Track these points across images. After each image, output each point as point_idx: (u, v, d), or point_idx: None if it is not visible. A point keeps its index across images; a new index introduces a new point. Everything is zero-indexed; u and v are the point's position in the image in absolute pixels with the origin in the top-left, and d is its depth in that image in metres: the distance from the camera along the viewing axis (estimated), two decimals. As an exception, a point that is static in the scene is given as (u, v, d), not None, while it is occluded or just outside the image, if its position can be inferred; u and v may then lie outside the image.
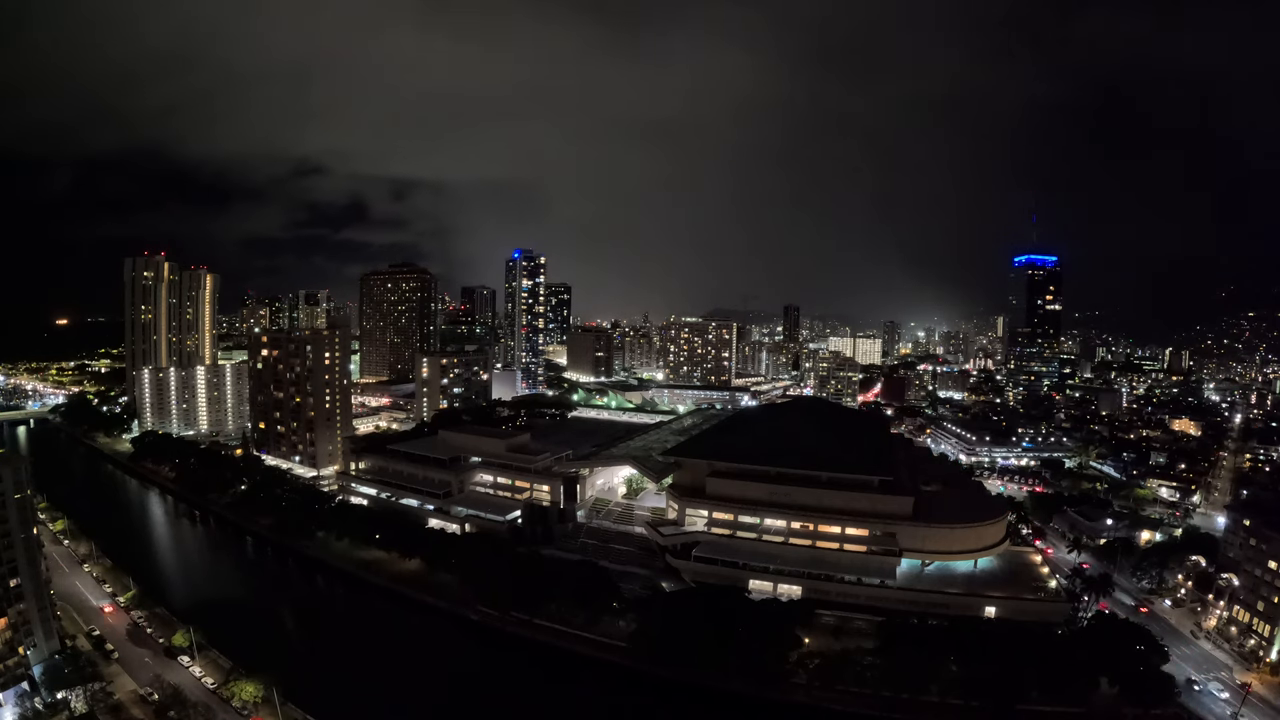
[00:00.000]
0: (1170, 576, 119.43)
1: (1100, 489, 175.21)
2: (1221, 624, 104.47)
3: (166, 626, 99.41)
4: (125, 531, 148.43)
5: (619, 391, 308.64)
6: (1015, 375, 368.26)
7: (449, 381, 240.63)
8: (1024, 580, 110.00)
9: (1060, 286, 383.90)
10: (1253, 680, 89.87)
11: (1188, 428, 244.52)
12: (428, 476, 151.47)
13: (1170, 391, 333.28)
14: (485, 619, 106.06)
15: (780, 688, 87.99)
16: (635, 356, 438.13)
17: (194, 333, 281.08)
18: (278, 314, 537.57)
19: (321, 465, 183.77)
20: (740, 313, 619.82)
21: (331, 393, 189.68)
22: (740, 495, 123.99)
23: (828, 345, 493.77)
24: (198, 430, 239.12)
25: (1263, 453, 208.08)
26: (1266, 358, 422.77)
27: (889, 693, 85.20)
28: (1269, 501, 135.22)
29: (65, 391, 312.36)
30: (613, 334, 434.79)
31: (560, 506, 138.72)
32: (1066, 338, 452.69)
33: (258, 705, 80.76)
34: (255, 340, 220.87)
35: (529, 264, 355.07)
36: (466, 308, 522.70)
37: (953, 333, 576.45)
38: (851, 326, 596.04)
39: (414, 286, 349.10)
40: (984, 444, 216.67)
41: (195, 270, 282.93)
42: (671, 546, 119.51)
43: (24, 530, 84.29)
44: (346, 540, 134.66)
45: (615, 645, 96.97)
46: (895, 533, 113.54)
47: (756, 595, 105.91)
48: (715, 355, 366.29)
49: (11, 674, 79.49)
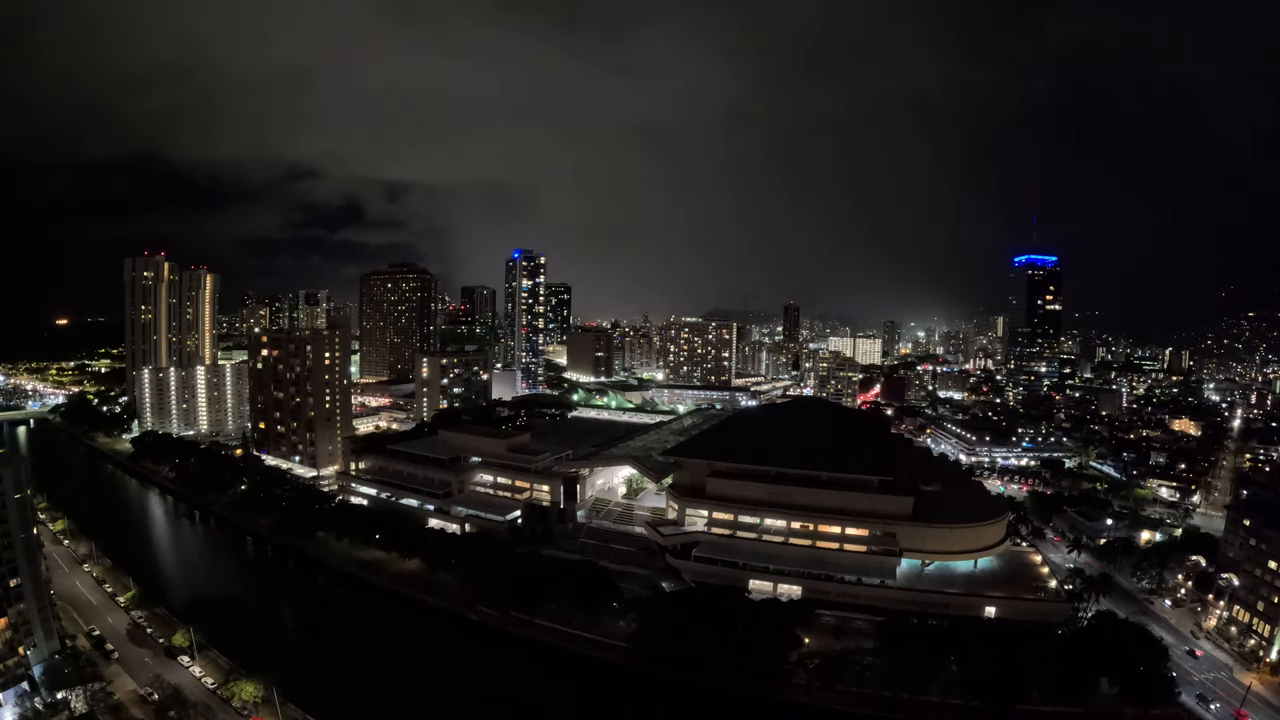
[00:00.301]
0: (1170, 576, 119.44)
1: (1100, 489, 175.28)
2: (1221, 624, 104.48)
3: (166, 626, 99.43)
4: (125, 531, 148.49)
5: (619, 391, 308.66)
6: (1015, 375, 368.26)
7: (449, 381, 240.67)
8: (1024, 580, 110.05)
9: (1060, 286, 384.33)
10: (1253, 680, 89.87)
11: (1188, 428, 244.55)
12: (428, 476, 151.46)
13: (1170, 391, 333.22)
14: (485, 619, 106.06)
15: (780, 688, 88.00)
16: (635, 356, 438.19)
17: (194, 333, 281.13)
18: (278, 314, 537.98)
19: (321, 465, 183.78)
20: (740, 313, 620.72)
21: (331, 393, 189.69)
22: (740, 495, 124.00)
23: (828, 345, 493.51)
24: (198, 430, 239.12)
25: (1263, 453, 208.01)
26: (1266, 358, 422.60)
27: (889, 693, 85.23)
28: (1269, 501, 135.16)
29: (65, 391, 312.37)
30: (613, 334, 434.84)
31: (560, 506, 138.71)
32: (1066, 338, 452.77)
33: (258, 705, 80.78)
34: (255, 340, 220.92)
35: (529, 264, 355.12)
36: (466, 308, 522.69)
37: (953, 333, 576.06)
38: (851, 326, 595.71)
39: (414, 286, 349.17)
40: (984, 444, 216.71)
41: (195, 270, 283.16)
42: (671, 546, 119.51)
43: (24, 530, 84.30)
44: (346, 540, 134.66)
45: (615, 645, 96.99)
46: (895, 533, 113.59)
47: (756, 595, 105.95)
48: (715, 355, 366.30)
49: (11, 674, 79.53)
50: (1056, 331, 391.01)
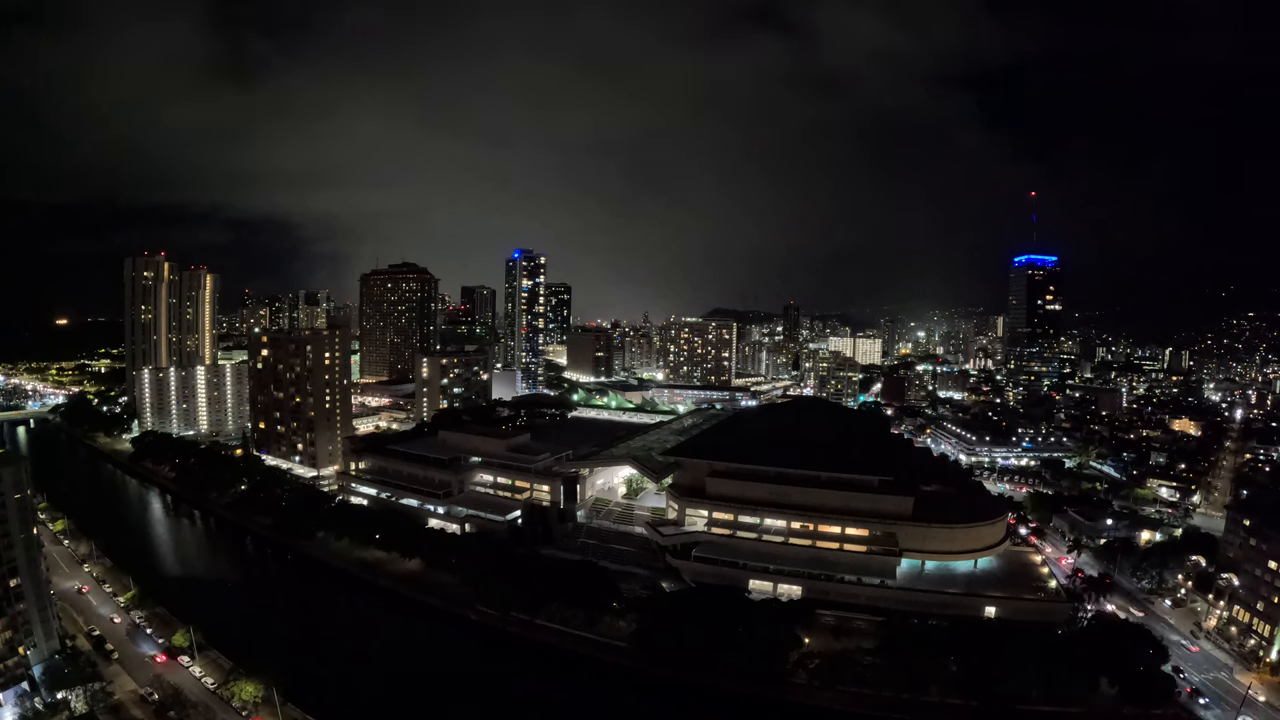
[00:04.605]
0: (1170, 576, 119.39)
1: (1100, 489, 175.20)
2: (1221, 624, 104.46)
3: (166, 626, 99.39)
4: (125, 531, 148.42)
5: (619, 391, 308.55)
6: (1015, 375, 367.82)
7: (449, 381, 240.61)
8: (1024, 580, 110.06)
9: (1060, 286, 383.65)
10: (1253, 680, 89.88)
11: (1188, 428, 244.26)
12: (428, 476, 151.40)
13: (1170, 391, 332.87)
14: (485, 619, 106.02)
15: (780, 688, 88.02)
16: (635, 356, 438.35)
17: (194, 333, 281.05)
18: (278, 314, 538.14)
19: (321, 465, 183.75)
20: (740, 313, 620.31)
21: (331, 393, 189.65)
22: (740, 495, 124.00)
23: (828, 345, 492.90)
24: (198, 430, 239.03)
25: (1263, 453, 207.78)
26: (1266, 358, 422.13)
27: (889, 693, 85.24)
28: (1269, 501, 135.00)
29: (65, 391, 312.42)
30: (613, 334, 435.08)
31: (560, 506, 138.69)
32: (1066, 338, 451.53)
33: (258, 705, 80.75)
34: (255, 340, 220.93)
35: (529, 264, 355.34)
36: (466, 308, 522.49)
37: (953, 333, 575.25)
38: (851, 326, 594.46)
39: (414, 286, 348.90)
40: (984, 444, 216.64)
41: (195, 270, 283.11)
42: (671, 546, 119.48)
43: (24, 530, 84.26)
44: (346, 540, 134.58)
45: (615, 645, 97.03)
46: (895, 533, 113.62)
47: (756, 595, 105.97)
48: (715, 355, 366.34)
49: (11, 674, 79.51)
50: (1056, 331, 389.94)
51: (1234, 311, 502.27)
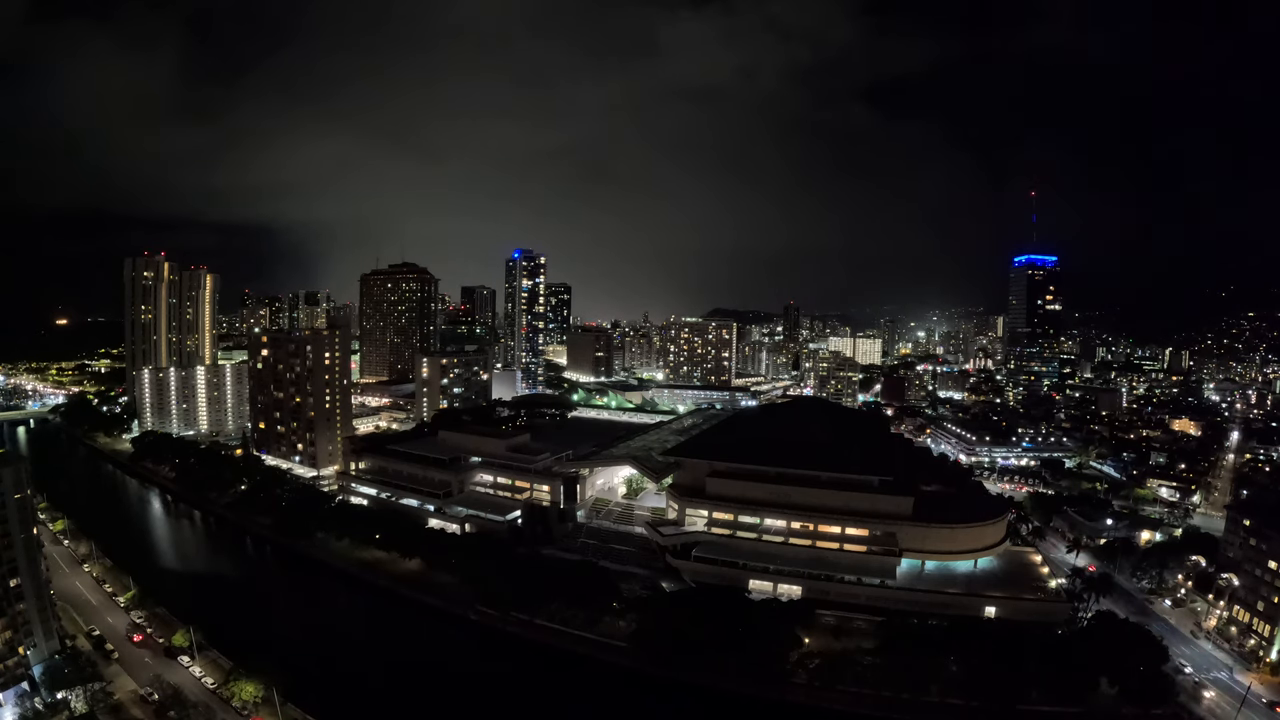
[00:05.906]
0: (1170, 576, 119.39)
1: (1100, 489, 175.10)
2: (1221, 624, 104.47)
3: (166, 626, 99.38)
4: (125, 531, 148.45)
5: (619, 391, 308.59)
6: (1015, 375, 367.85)
7: (449, 381, 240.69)
8: (1024, 580, 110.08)
9: (1060, 286, 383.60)
10: (1252, 680, 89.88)
11: (1188, 428, 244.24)
12: (428, 476, 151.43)
13: (1170, 391, 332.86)
14: (485, 619, 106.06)
15: (780, 688, 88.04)
16: (635, 356, 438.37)
17: (194, 333, 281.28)
18: (278, 314, 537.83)
19: (321, 465, 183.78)
20: (740, 313, 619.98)
21: (331, 393, 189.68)
22: (740, 495, 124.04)
23: (828, 345, 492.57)
24: (198, 430, 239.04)
25: (1263, 453, 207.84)
26: (1266, 358, 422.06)
27: (889, 693, 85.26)
28: (1269, 501, 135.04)
29: (65, 391, 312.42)
30: (613, 334, 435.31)
31: (560, 506, 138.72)
32: (1066, 338, 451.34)
33: (258, 705, 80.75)
34: (255, 340, 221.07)
35: (529, 264, 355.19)
36: (466, 308, 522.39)
37: (953, 333, 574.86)
38: (851, 326, 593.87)
39: (414, 286, 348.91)
40: (984, 444, 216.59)
41: (195, 270, 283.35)
42: (671, 546, 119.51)
43: (24, 530, 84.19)
44: (346, 540, 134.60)
45: (615, 645, 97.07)
46: (895, 533, 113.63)
47: (757, 595, 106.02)
48: (715, 355, 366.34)
49: (11, 674, 79.48)
50: (1056, 331, 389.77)
51: (1234, 311, 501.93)
